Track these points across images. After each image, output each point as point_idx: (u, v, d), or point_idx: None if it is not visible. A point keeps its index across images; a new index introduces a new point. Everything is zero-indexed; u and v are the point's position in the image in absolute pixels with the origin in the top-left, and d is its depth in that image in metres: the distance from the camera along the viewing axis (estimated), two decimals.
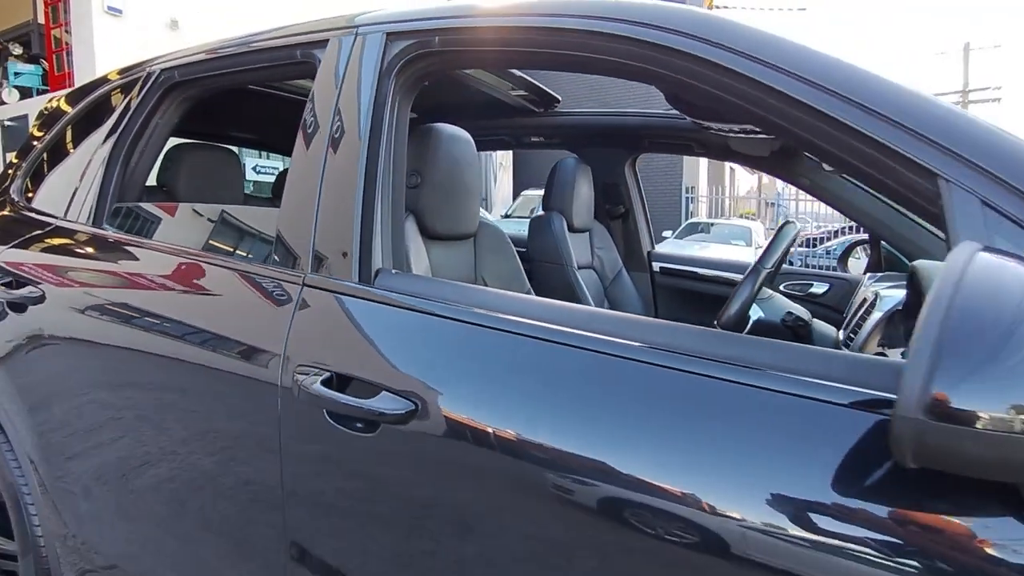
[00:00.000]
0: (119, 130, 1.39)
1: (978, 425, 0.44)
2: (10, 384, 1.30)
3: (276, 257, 1.02)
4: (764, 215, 30.69)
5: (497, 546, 0.75)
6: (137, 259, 1.21)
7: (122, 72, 1.53)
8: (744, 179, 22.12)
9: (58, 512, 1.23)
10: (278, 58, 1.18)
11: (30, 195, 1.57)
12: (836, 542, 0.56)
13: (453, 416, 0.76)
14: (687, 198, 13.43)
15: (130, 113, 1.40)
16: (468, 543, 0.77)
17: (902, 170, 0.64)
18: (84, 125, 1.55)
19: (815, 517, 0.57)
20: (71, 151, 1.54)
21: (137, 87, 1.42)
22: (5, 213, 1.57)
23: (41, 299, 1.25)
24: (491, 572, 0.75)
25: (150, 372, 1.09)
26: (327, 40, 1.08)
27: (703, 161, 14.78)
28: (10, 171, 1.67)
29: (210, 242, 1.32)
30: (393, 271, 0.95)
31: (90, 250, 1.31)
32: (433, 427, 0.77)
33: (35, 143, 1.67)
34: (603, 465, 0.67)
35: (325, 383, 0.84)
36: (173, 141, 1.67)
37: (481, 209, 1.83)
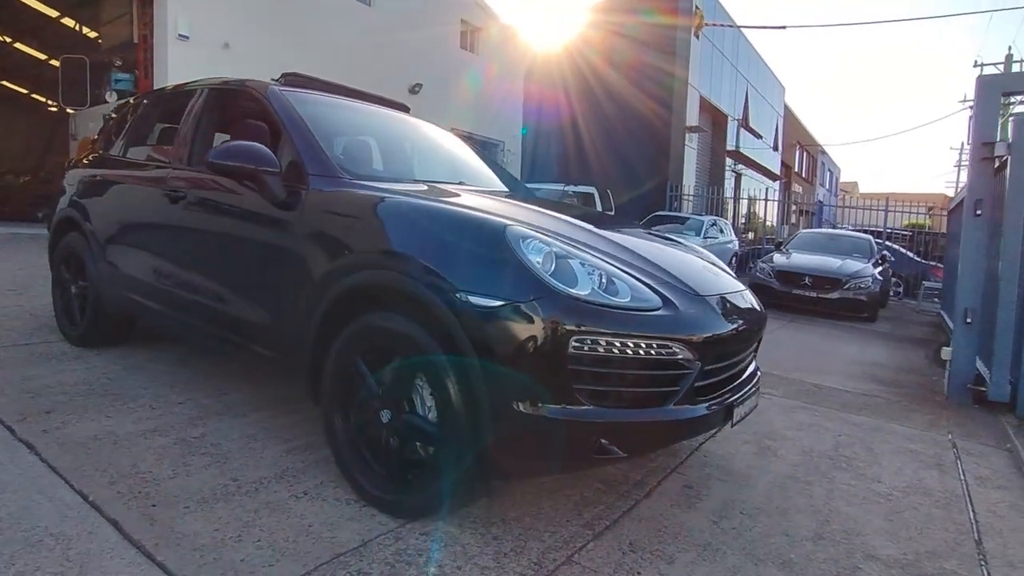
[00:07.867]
0: (139, 119, 3.49)
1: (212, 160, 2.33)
2: (90, 211, 3.42)
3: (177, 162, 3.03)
4: (798, 222, 30.85)
5: None
6: (139, 166, 3.31)
7: (151, 92, 3.64)
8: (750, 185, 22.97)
9: (100, 265, 3.32)
10: (187, 95, 3.23)
11: (108, 147, 3.71)
12: None
13: None
14: (670, 195, 14.93)
15: (142, 110, 3.50)
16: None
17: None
18: (129, 118, 3.67)
19: None
20: (125, 130, 3.67)
21: (147, 100, 3.51)
22: (99, 156, 3.72)
23: (112, 183, 3.37)
24: None
25: (138, 201, 3.18)
26: (201, 88, 3.09)
27: (690, 162, 16.19)
28: (103, 138, 3.85)
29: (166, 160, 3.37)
30: None
31: (127, 164, 3.42)
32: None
33: (110, 125, 3.83)
34: None
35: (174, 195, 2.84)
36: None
37: None
